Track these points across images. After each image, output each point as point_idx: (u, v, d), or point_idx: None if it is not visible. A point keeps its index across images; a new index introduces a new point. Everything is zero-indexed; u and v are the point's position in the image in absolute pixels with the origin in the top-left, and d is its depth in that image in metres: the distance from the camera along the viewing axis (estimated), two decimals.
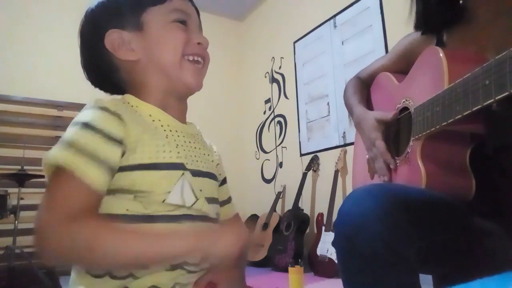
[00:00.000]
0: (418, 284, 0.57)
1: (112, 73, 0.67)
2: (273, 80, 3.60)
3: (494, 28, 0.74)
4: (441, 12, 0.81)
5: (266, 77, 3.70)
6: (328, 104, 2.89)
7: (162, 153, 0.60)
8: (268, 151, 3.59)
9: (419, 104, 0.73)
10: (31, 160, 2.46)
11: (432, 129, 0.67)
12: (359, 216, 0.57)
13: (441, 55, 0.69)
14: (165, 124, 0.65)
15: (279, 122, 3.48)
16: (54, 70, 2.97)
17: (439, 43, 0.84)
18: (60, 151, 0.53)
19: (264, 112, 3.68)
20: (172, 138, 0.64)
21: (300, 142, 3.17)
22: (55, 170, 0.53)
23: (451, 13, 0.81)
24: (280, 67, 3.52)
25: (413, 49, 0.91)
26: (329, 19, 2.92)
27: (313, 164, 2.89)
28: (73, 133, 0.55)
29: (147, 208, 0.57)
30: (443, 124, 0.64)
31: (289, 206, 2.96)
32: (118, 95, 0.69)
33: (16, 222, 2.26)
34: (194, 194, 0.62)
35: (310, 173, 2.92)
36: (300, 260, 1.92)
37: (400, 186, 0.69)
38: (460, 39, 0.81)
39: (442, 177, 0.70)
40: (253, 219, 3.13)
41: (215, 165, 0.75)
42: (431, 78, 0.73)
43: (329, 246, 2.33)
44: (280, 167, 3.40)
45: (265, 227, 2.92)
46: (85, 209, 0.52)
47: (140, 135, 0.59)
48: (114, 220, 0.56)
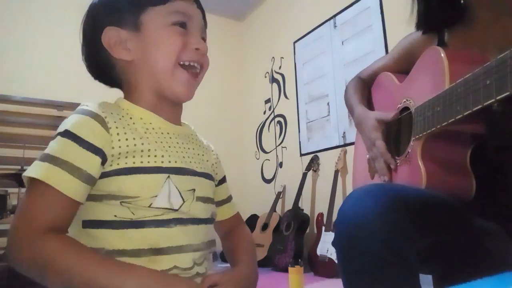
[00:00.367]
0: (418, 284, 0.57)
1: (109, 69, 0.67)
2: (273, 80, 3.60)
3: (495, 29, 0.74)
4: (442, 11, 0.81)
5: (266, 77, 3.70)
6: (328, 104, 2.89)
7: (147, 157, 0.59)
8: (268, 151, 3.58)
9: (420, 104, 0.73)
10: (31, 160, 2.40)
11: (433, 129, 0.67)
12: (359, 216, 0.57)
13: (442, 55, 0.69)
14: (156, 127, 0.64)
15: (279, 122, 3.48)
16: (54, 70, 2.97)
17: (440, 43, 0.85)
18: (37, 162, 0.54)
19: (264, 112, 3.68)
20: (164, 140, 0.64)
21: (300, 142, 3.17)
22: (30, 180, 0.54)
23: (452, 12, 0.81)
24: (280, 67, 3.51)
25: (414, 49, 0.91)
26: (329, 19, 2.92)
27: (313, 164, 2.89)
28: (52, 141, 0.56)
29: (134, 214, 0.56)
30: (444, 124, 0.64)
31: (289, 206, 2.96)
32: (119, 89, 0.70)
33: None
34: (181, 196, 0.61)
35: (310, 173, 2.92)
36: (300, 260, 1.92)
37: (400, 186, 0.69)
38: (461, 40, 0.81)
39: (443, 177, 0.70)
40: (253, 219, 3.13)
41: (210, 165, 0.74)
42: (432, 78, 0.73)
43: (329, 246, 2.33)
44: (280, 167, 3.39)
45: (265, 227, 2.92)
46: (54, 223, 0.52)
47: (126, 140, 0.58)
48: (103, 227, 0.56)
